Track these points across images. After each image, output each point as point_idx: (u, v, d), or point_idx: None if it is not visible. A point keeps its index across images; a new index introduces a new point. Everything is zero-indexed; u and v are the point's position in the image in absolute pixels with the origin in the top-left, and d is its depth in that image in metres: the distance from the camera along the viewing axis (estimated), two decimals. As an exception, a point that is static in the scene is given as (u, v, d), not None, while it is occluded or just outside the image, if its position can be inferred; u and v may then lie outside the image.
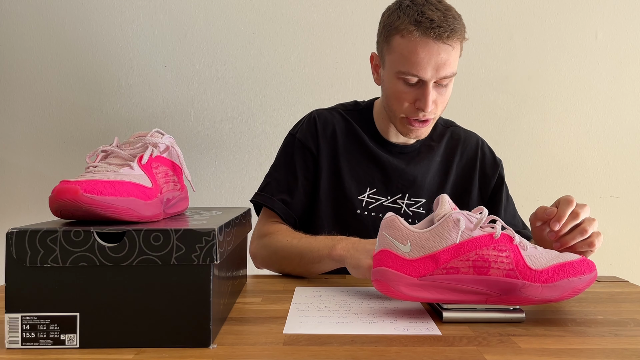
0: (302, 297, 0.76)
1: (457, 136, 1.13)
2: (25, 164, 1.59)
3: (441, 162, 1.10)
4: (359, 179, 1.06)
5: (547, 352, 0.55)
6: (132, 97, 1.58)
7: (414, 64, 0.92)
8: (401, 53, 0.93)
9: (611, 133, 1.59)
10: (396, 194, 1.07)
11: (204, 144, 1.60)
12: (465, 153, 1.12)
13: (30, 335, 0.54)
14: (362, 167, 1.07)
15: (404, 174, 1.07)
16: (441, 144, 1.11)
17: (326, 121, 1.09)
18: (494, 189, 1.12)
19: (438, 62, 0.92)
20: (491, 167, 1.13)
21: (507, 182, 1.16)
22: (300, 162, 1.07)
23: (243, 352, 0.54)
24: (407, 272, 0.63)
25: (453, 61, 0.94)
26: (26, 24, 1.57)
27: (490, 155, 1.14)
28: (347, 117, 1.11)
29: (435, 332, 0.60)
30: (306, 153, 1.07)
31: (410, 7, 0.94)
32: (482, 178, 1.12)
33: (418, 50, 0.91)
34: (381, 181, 1.07)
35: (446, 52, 0.92)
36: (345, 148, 1.08)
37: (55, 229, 0.54)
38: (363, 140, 1.08)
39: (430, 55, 0.91)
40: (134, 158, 0.66)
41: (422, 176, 1.08)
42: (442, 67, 0.92)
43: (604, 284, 0.89)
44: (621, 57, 1.58)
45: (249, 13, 1.57)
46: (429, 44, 0.91)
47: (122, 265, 0.54)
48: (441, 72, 0.93)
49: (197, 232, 0.54)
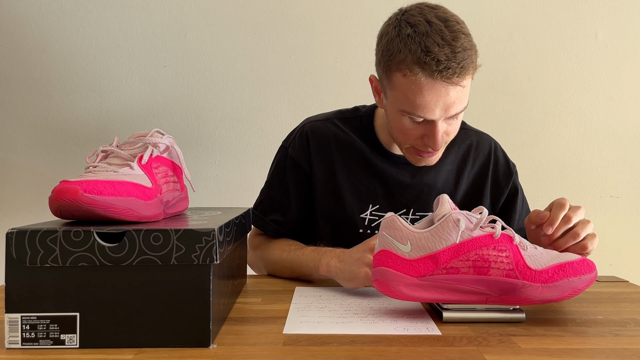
0: (302, 297, 0.76)
1: (468, 140, 1.04)
2: (25, 164, 1.59)
3: (451, 170, 1.02)
4: (360, 196, 0.99)
5: (547, 352, 0.55)
6: (132, 97, 1.58)
7: (419, 107, 0.83)
8: (404, 94, 0.83)
9: (611, 133, 1.59)
10: (400, 210, 0.99)
11: (204, 144, 1.60)
12: (478, 160, 1.03)
13: (30, 335, 0.54)
14: (363, 183, 0.99)
15: (409, 188, 0.99)
16: (451, 151, 1.02)
17: (320, 136, 1.01)
18: (508, 199, 1.05)
19: (447, 102, 0.82)
20: (505, 176, 1.04)
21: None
22: (293, 181, 1.01)
23: (243, 352, 0.54)
24: (407, 272, 0.63)
25: (464, 97, 0.84)
26: (26, 24, 1.57)
27: (504, 162, 1.05)
28: (344, 128, 1.02)
29: (435, 332, 0.60)
30: (299, 171, 1.01)
31: (412, 37, 0.81)
32: (494, 188, 1.04)
33: (424, 93, 0.81)
34: (384, 197, 0.99)
35: (456, 91, 0.82)
36: (343, 163, 0.99)
37: (55, 229, 0.54)
38: (363, 153, 0.99)
39: (438, 98, 0.81)
40: (134, 158, 0.66)
41: (429, 189, 1.00)
42: (451, 106, 0.83)
43: (604, 284, 0.89)
44: (621, 57, 1.58)
45: (249, 13, 1.57)
46: (436, 86, 0.81)
47: (122, 265, 0.54)
48: (451, 111, 0.83)
49: (197, 232, 0.54)
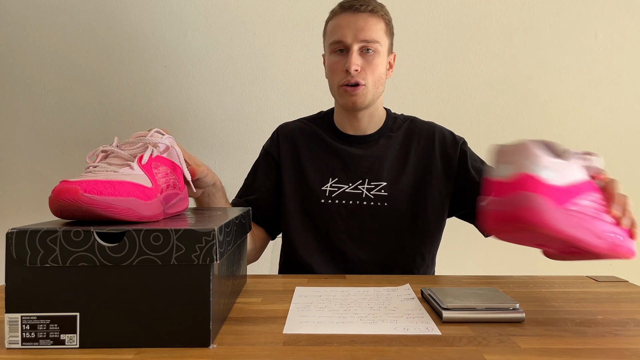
0: (302, 297, 0.76)
1: (413, 125, 1.20)
2: (25, 164, 1.59)
3: (400, 149, 1.16)
4: (321, 172, 1.15)
5: (547, 352, 0.55)
6: (132, 97, 1.58)
7: (337, 33, 1.08)
8: (330, 31, 1.11)
9: (611, 133, 1.59)
10: (356, 181, 1.13)
11: (204, 144, 1.60)
12: (423, 137, 1.17)
13: (30, 335, 0.54)
14: (323, 161, 1.15)
15: (362, 160, 1.14)
16: (399, 133, 1.18)
17: (287, 130, 1.21)
18: (460, 162, 1.15)
19: (357, 27, 1.06)
20: (452, 146, 1.16)
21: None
22: (263, 167, 1.20)
23: (243, 352, 0.54)
24: (555, 199, 0.59)
25: (372, 28, 1.07)
26: (26, 24, 1.57)
27: (450, 135, 1.19)
28: (309, 123, 1.22)
29: (435, 332, 0.60)
30: (269, 159, 1.19)
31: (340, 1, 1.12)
32: (444, 157, 1.15)
33: (340, 22, 1.09)
34: (342, 170, 1.14)
35: (364, 19, 1.07)
36: (306, 147, 1.18)
37: (55, 229, 0.54)
38: (323, 138, 1.18)
39: (349, 22, 1.07)
40: (133, 158, 0.66)
41: (380, 161, 1.14)
42: (360, 31, 1.06)
43: (604, 284, 0.89)
44: (621, 57, 1.58)
45: (249, 13, 1.57)
46: (348, 15, 1.08)
47: (122, 265, 0.54)
48: (360, 35, 1.06)
49: (197, 232, 0.54)
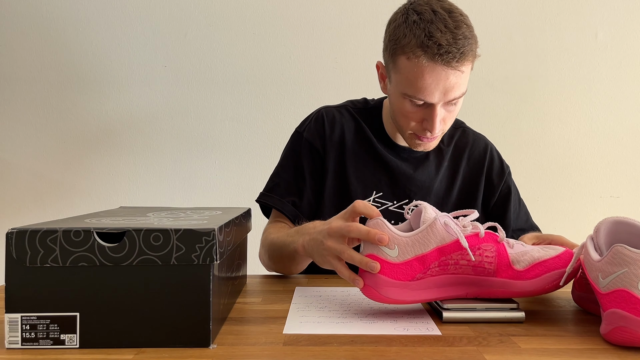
0: (302, 297, 0.76)
1: (465, 138, 1.10)
2: (25, 164, 1.59)
3: (448, 167, 1.07)
4: (365, 182, 1.04)
5: (547, 352, 0.55)
6: (132, 97, 1.58)
7: (420, 89, 0.88)
8: (407, 76, 0.89)
9: (611, 133, 1.59)
10: (402, 199, 1.04)
11: (204, 144, 1.60)
12: (473, 157, 1.09)
13: (30, 335, 0.54)
14: (369, 170, 1.04)
15: (411, 179, 1.04)
16: (450, 147, 1.08)
17: (334, 120, 1.06)
18: (501, 197, 1.08)
19: (446, 86, 0.87)
20: (498, 175, 1.09)
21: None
22: (308, 163, 1.04)
23: (243, 352, 0.54)
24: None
25: (463, 83, 0.89)
26: (26, 24, 1.57)
27: (498, 162, 1.10)
28: (357, 116, 1.07)
29: (435, 332, 0.60)
30: (314, 153, 1.05)
31: (417, 24, 0.87)
32: (487, 185, 1.08)
33: (425, 76, 0.87)
34: (388, 185, 1.04)
35: (455, 76, 0.87)
36: (353, 150, 1.05)
37: (55, 229, 0.54)
38: (371, 143, 1.05)
39: (438, 81, 0.87)
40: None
41: (429, 182, 1.05)
42: (450, 90, 0.88)
43: (604, 284, 0.89)
44: (621, 57, 1.58)
45: (249, 13, 1.57)
46: (437, 69, 0.86)
47: (122, 265, 0.54)
48: (449, 95, 0.88)
49: (197, 232, 0.54)
